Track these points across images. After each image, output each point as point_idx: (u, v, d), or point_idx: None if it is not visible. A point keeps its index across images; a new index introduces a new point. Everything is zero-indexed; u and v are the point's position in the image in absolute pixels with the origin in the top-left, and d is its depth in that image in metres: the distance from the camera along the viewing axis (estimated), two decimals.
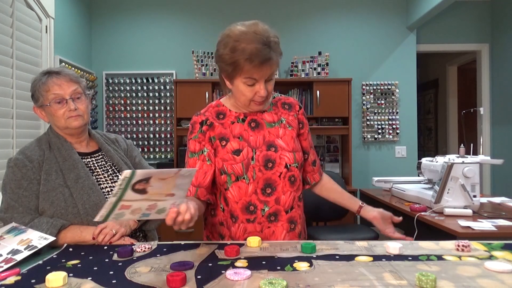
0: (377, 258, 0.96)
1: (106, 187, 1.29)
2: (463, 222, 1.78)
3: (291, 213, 1.20)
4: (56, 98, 1.24)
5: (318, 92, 3.52)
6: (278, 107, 1.28)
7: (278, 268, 0.90)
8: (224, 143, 1.19)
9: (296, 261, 0.94)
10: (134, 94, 3.83)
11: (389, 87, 3.86)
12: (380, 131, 3.86)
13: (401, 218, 1.25)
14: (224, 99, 1.27)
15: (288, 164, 1.18)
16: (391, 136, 3.86)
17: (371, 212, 1.26)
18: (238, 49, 1.06)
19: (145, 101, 3.84)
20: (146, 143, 3.84)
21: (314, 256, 0.98)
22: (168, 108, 3.83)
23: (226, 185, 1.18)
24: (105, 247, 1.11)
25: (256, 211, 1.17)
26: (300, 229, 1.24)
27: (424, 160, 2.40)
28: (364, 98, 3.87)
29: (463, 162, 1.95)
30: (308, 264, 0.92)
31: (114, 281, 0.83)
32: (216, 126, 1.21)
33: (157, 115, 3.84)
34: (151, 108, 3.83)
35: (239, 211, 1.18)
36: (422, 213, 2.01)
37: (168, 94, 3.83)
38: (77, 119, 1.27)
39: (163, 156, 3.84)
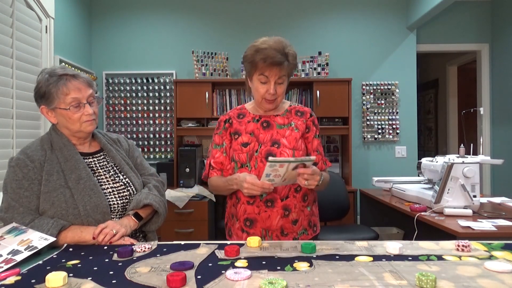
0: (377, 258, 0.96)
1: (108, 187, 1.29)
2: (463, 222, 1.78)
3: (286, 201, 1.36)
4: (74, 102, 1.23)
5: (318, 92, 3.51)
6: (291, 114, 1.47)
7: (278, 268, 0.90)
8: (236, 136, 1.42)
9: (296, 261, 0.95)
10: (134, 94, 3.83)
11: (389, 87, 3.86)
12: (380, 131, 3.86)
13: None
14: (247, 104, 1.52)
15: None
16: (391, 136, 3.86)
17: None
18: (258, 51, 1.31)
19: (145, 101, 3.84)
20: (146, 143, 3.84)
21: (314, 256, 0.98)
22: (168, 108, 3.83)
23: (234, 171, 1.39)
24: (105, 247, 1.11)
25: (255, 196, 1.33)
26: (295, 217, 1.38)
27: (424, 160, 2.40)
28: (364, 98, 3.86)
29: (463, 162, 1.95)
30: (308, 264, 0.92)
31: (114, 281, 0.83)
32: (234, 123, 1.45)
33: (157, 115, 3.84)
34: (151, 108, 3.83)
35: (241, 193, 1.34)
36: (422, 213, 2.01)
37: (168, 94, 3.83)
38: (92, 124, 1.28)
39: (163, 156, 3.84)
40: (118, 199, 1.29)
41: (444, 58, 4.88)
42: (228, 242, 1.12)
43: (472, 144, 2.48)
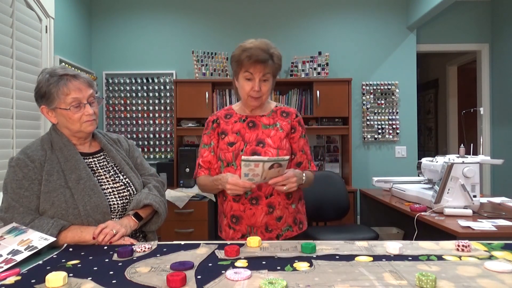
0: (377, 258, 0.96)
1: (108, 188, 1.29)
2: (463, 222, 1.78)
3: (270, 199, 1.41)
4: (75, 102, 1.23)
5: (318, 92, 3.52)
6: (277, 114, 1.51)
7: (278, 268, 0.90)
8: (223, 136, 1.47)
9: (296, 261, 0.95)
10: (134, 94, 3.83)
11: (389, 87, 3.86)
12: (380, 131, 3.86)
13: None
14: (235, 105, 1.57)
15: None
16: (391, 136, 3.86)
17: None
18: (245, 50, 1.37)
19: (145, 101, 3.84)
20: (146, 143, 3.84)
21: (314, 256, 0.98)
22: (168, 108, 3.83)
23: (220, 170, 1.46)
24: (105, 247, 1.11)
25: (241, 193, 1.36)
26: (279, 214, 1.42)
27: (424, 160, 2.40)
28: (364, 98, 3.86)
29: (463, 162, 1.95)
30: (308, 264, 0.92)
31: (114, 281, 0.83)
32: (222, 123, 1.50)
33: (157, 115, 3.84)
34: (151, 108, 3.83)
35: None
36: (422, 213, 2.01)
37: (168, 94, 3.83)
38: (92, 124, 1.29)
39: (163, 156, 3.84)
40: (118, 199, 1.29)
41: (444, 58, 4.88)
42: (228, 242, 1.12)
43: (472, 144, 2.48)
